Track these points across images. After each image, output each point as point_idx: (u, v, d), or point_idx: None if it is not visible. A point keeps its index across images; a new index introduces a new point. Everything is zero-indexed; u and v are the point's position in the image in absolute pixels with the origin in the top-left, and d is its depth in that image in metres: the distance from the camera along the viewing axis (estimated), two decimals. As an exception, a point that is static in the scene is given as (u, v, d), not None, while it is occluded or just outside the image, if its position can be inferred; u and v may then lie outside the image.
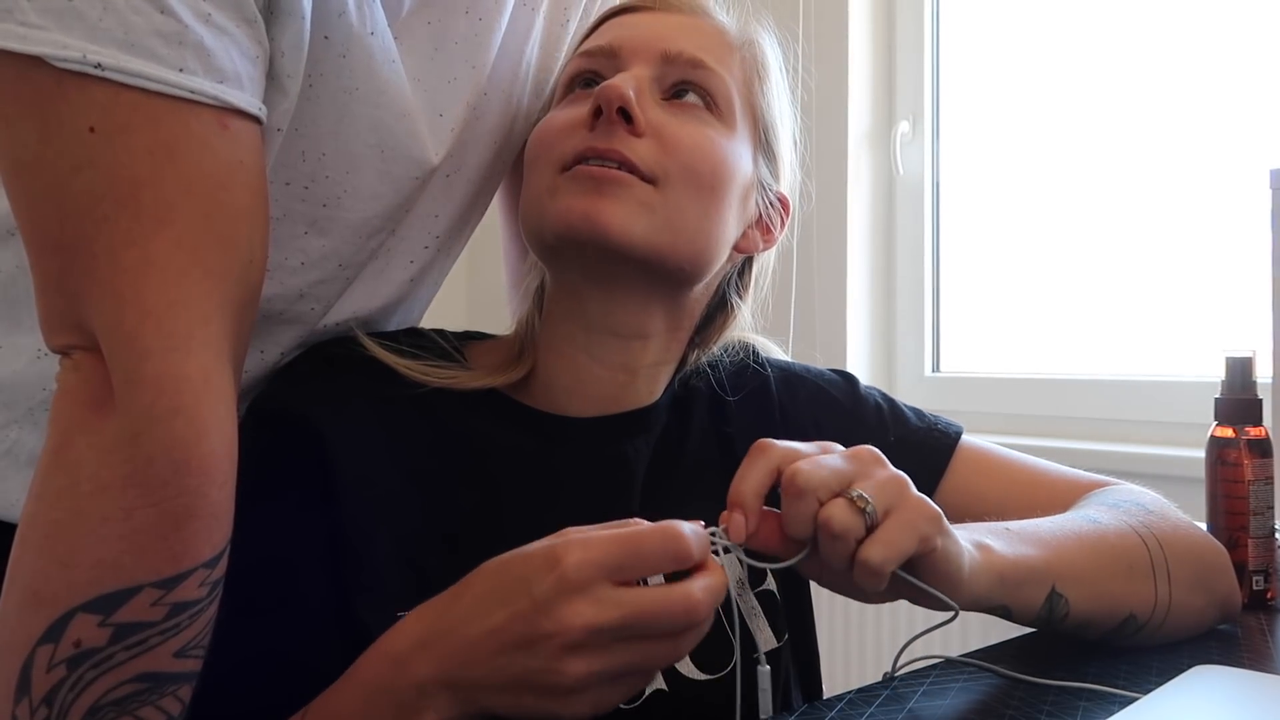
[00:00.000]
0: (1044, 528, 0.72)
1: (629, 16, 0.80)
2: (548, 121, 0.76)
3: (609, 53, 0.76)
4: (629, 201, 0.70)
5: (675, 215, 0.71)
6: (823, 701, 0.70)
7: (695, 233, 0.73)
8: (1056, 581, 0.69)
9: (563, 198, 0.70)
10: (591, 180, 0.70)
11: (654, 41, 0.76)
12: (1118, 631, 0.74)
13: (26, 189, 0.55)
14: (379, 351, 0.73)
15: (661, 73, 0.75)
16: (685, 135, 0.73)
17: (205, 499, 0.57)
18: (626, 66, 0.75)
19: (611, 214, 0.69)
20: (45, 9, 0.52)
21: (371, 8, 0.65)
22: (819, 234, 1.94)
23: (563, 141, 0.72)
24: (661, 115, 0.73)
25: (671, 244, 0.72)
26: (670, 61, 0.75)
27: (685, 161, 0.72)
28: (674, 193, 0.71)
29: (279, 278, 0.70)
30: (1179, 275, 1.65)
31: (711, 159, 0.73)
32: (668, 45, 0.75)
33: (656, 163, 0.71)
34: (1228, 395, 0.90)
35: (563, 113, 0.75)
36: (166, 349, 0.55)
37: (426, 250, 0.80)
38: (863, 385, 0.90)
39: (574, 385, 0.77)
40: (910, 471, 0.83)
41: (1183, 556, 0.76)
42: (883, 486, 0.59)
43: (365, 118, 0.67)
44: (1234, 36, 1.59)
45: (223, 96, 0.56)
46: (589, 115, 0.72)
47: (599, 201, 0.69)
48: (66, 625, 0.55)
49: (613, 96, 0.70)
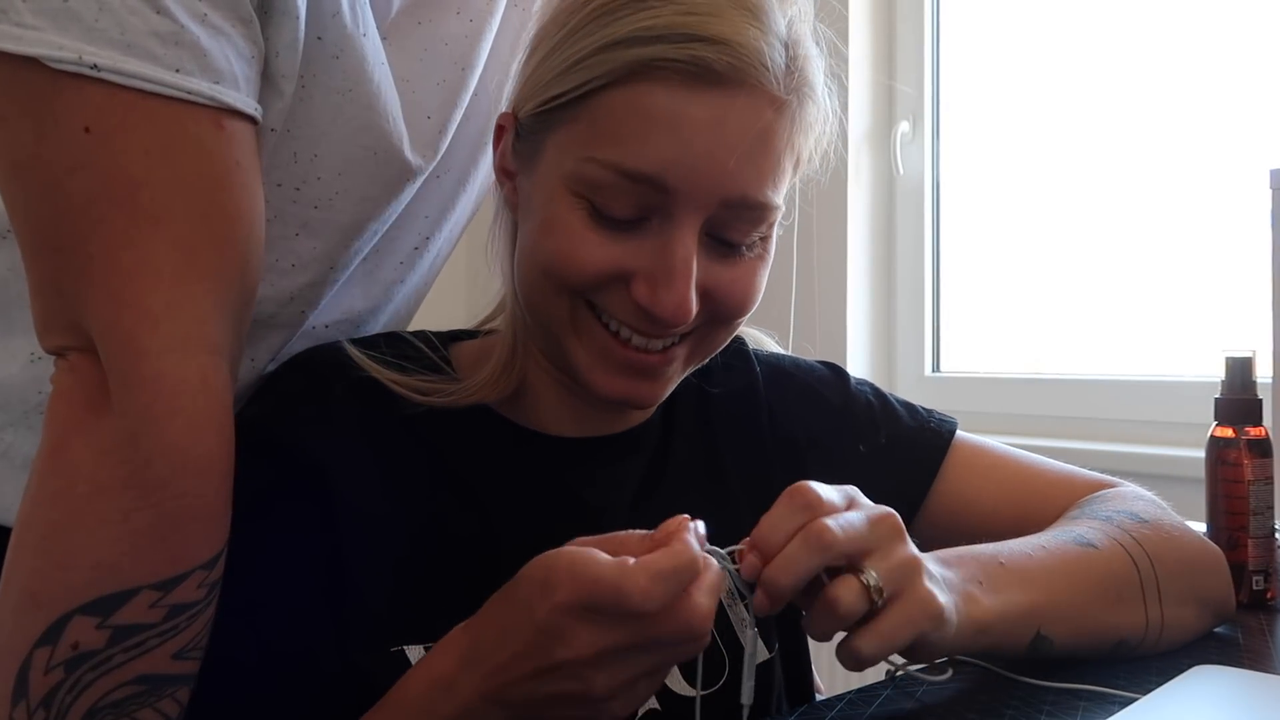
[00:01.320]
0: (1035, 559, 0.71)
1: (681, 109, 0.63)
2: (578, 244, 0.65)
3: (659, 187, 0.63)
4: (674, 375, 0.71)
5: (711, 348, 0.73)
6: (823, 701, 0.69)
7: (722, 345, 0.74)
8: (1042, 625, 0.69)
9: (598, 366, 0.68)
10: (636, 368, 0.68)
11: (714, 182, 0.64)
12: (1110, 655, 0.74)
13: (21, 189, 0.55)
14: (369, 367, 0.71)
15: (715, 215, 0.65)
16: (736, 291, 0.68)
17: (203, 500, 0.57)
18: (678, 207, 0.64)
19: (654, 392, 0.71)
20: (40, 9, 0.51)
21: (365, 9, 0.65)
22: (819, 234, 1.94)
23: (598, 287, 0.66)
24: (709, 270, 0.67)
25: (699, 364, 0.74)
26: (728, 207, 0.65)
27: (731, 316, 0.70)
28: (715, 331, 0.71)
29: (270, 279, 0.69)
30: (1179, 275, 1.65)
31: (755, 299, 0.70)
32: (729, 190, 0.64)
33: (702, 319, 0.68)
34: (1228, 395, 0.90)
35: (598, 248, 0.65)
36: (164, 350, 0.55)
37: (416, 251, 0.80)
38: (854, 380, 0.88)
39: (562, 409, 0.76)
40: (903, 471, 0.83)
41: (1175, 571, 0.75)
42: (896, 570, 0.59)
43: (357, 119, 0.67)
44: (1234, 36, 1.59)
45: (219, 97, 0.56)
46: (639, 301, 0.65)
47: (641, 384, 0.69)
48: (64, 627, 0.55)
49: (676, 324, 0.65)
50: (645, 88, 0.63)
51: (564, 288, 0.67)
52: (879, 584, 0.58)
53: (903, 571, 0.59)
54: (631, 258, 0.65)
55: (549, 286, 0.68)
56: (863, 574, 0.58)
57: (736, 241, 0.67)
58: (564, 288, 0.67)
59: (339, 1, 0.63)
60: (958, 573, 0.66)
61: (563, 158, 0.66)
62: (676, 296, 0.64)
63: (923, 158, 1.96)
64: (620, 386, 0.69)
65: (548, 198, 0.67)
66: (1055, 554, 0.72)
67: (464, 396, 0.72)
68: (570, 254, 0.65)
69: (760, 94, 0.64)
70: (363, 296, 0.78)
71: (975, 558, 0.68)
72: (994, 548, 0.71)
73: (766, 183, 0.66)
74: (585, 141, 0.65)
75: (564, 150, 0.66)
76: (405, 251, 0.79)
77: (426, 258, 0.82)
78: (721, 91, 0.63)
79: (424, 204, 0.77)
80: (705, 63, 0.62)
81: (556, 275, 0.66)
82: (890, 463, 0.83)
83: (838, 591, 0.57)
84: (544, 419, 0.76)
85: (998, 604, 0.66)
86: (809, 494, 0.59)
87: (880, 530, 0.59)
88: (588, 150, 0.64)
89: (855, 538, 0.58)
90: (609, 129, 0.64)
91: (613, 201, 0.64)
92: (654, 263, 0.65)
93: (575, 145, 0.65)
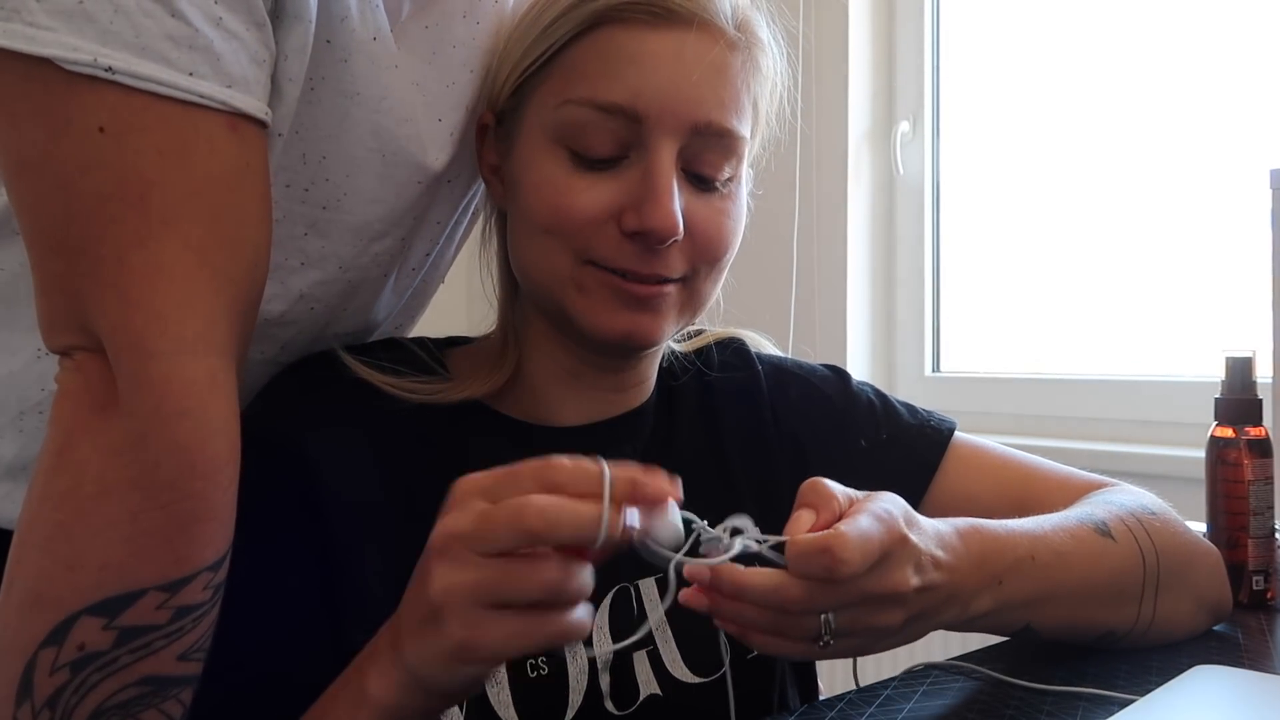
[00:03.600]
0: (1063, 554, 0.70)
1: (643, 44, 0.69)
2: (565, 192, 0.69)
3: (631, 116, 0.68)
4: (668, 311, 0.73)
5: (701, 301, 0.75)
6: (823, 701, 0.70)
7: (711, 297, 0.77)
8: (1034, 620, 0.70)
9: (603, 312, 0.71)
10: (635, 300, 0.71)
11: (682, 106, 0.69)
12: (1096, 643, 0.75)
13: (32, 188, 0.55)
14: (361, 370, 0.73)
15: (688, 143, 0.70)
16: (713, 229, 0.72)
17: (210, 502, 0.57)
18: (651, 135, 0.69)
19: (652, 328, 0.72)
20: (55, 10, 0.51)
21: (374, 12, 0.65)
22: (819, 234, 1.94)
23: (590, 234, 0.70)
24: (690, 202, 0.71)
25: (690, 319, 0.76)
26: (699, 133, 0.70)
27: (713, 256, 0.73)
28: (701, 282, 0.74)
29: (279, 277, 0.70)
30: (1179, 275, 1.66)
31: (732, 240, 0.75)
32: (697, 115, 0.69)
33: (688, 264, 0.72)
34: (1228, 395, 0.90)
35: (583, 188, 0.69)
36: (173, 351, 0.55)
37: (428, 258, 0.80)
38: (855, 381, 0.89)
39: (559, 389, 0.77)
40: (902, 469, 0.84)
41: (1177, 568, 0.76)
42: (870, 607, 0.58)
43: (366, 122, 0.67)
44: (1234, 37, 1.59)
45: (231, 101, 0.56)
46: (629, 228, 0.69)
47: (639, 317, 0.71)
48: (70, 628, 0.55)
49: (667, 236, 0.69)
50: (609, 31, 0.70)
51: (564, 243, 0.70)
52: (833, 627, 0.58)
53: (876, 608, 0.59)
54: (618, 194, 0.69)
55: (550, 246, 0.71)
56: (825, 623, 0.58)
57: (709, 175, 0.72)
58: (564, 243, 0.70)
59: (348, 5, 0.63)
60: (982, 573, 0.65)
61: (541, 114, 0.71)
62: (663, 210, 0.68)
63: (923, 158, 1.96)
64: (622, 322, 0.71)
65: (530, 159, 0.72)
66: (1077, 548, 0.71)
67: (455, 392, 0.74)
68: (560, 201, 0.70)
69: (713, 29, 0.71)
70: (383, 307, 0.79)
71: (1012, 548, 0.68)
72: (1032, 537, 0.70)
73: (729, 110, 0.71)
74: (560, 90, 0.70)
75: (542, 107, 0.71)
76: (418, 257, 0.79)
77: (437, 262, 0.82)
78: (679, 28, 0.70)
79: (439, 209, 0.77)
80: (663, 3, 0.69)
81: (553, 227, 0.70)
82: (890, 460, 0.84)
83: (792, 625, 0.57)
84: (539, 410, 0.77)
85: (999, 603, 0.66)
86: (821, 492, 0.59)
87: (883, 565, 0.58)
88: (563, 96, 0.70)
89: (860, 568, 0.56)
90: (580, 72, 0.70)
91: (591, 140, 0.69)
92: (639, 189, 0.69)
93: (551, 97, 0.71)
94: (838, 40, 1.94)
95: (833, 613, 0.57)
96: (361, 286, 0.75)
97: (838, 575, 0.55)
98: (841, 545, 0.55)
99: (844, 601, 0.57)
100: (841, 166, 1.95)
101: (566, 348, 0.76)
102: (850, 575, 0.55)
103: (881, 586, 0.58)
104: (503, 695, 0.69)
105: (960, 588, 0.63)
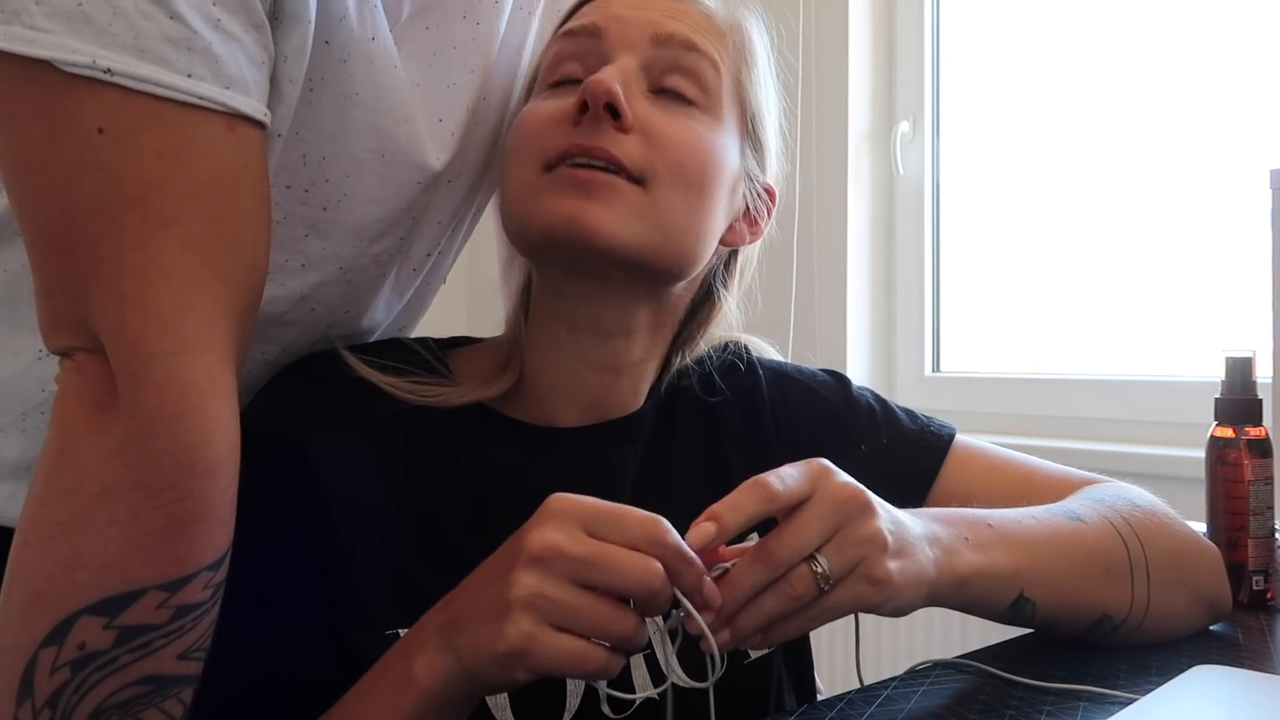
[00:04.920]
0: (1024, 525, 0.72)
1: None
2: (529, 113, 0.73)
3: (594, 33, 0.73)
4: (617, 205, 0.68)
5: (664, 216, 0.70)
6: (823, 701, 0.70)
7: (683, 231, 0.71)
8: (1026, 587, 0.70)
9: (548, 199, 0.68)
10: (578, 183, 0.68)
11: (643, 23, 0.73)
12: (1092, 631, 0.74)
13: (32, 190, 0.55)
14: (363, 370, 0.73)
15: (651, 57, 0.72)
16: (674, 131, 0.71)
17: (210, 501, 0.57)
18: (613, 49, 0.72)
19: (599, 218, 0.67)
20: (53, 12, 0.51)
21: (373, 13, 0.65)
22: (819, 234, 1.94)
23: (546, 137, 0.70)
24: (649, 110, 0.71)
25: (659, 244, 0.70)
26: (661, 44, 0.72)
27: (674, 159, 0.70)
28: (662, 192, 0.70)
29: (280, 279, 0.70)
30: (1179, 275, 1.66)
31: (700, 156, 0.72)
32: (658, 27, 0.73)
33: (645, 161, 0.69)
34: (1228, 395, 0.91)
35: (545, 104, 0.72)
36: (173, 351, 0.55)
37: (429, 258, 0.80)
38: (855, 386, 0.89)
39: (560, 389, 0.76)
40: (903, 473, 0.84)
41: (1165, 555, 0.76)
42: (852, 548, 0.59)
43: (365, 123, 0.67)
44: (1234, 36, 1.59)
45: (230, 103, 0.56)
46: (574, 110, 0.69)
47: (586, 204, 0.67)
48: (71, 627, 0.55)
49: (599, 92, 0.67)
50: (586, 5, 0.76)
51: (527, 157, 0.71)
52: (828, 572, 0.58)
53: (860, 549, 0.59)
54: (575, 100, 0.70)
55: (517, 163, 0.72)
56: (815, 562, 0.58)
57: (676, 90, 0.73)
58: (527, 157, 0.71)
59: (346, 6, 0.63)
60: (946, 529, 0.67)
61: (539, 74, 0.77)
62: (598, 78, 0.68)
63: (923, 158, 1.96)
64: (566, 206, 0.68)
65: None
66: (1045, 523, 0.73)
67: (458, 395, 0.74)
68: (525, 118, 0.73)
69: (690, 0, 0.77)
70: (384, 308, 0.79)
71: (964, 517, 0.70)
72: (984, 512, 0.72)
73: (692, 25, 0.74)
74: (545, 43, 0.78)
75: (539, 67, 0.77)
76: (419, 258, 0.79)
77: (439, 262, 0.82)
78: None
79: (439, 210, 0.77)
80: None
81: (518, 142, 0.72)
82: (891, 463, 0.84)
83: (792, 580, 0.58)
84: (539, 412, 0.77)
85: (981, 560, 0.67)
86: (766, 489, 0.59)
87: (848, 509, 0.60)
88: (545, 44, 0.77)
89: (796, 491, 0.59)
90: (560, 23, 0.77)
91: (564, 67, 0.74)
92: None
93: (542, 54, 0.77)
94: (838, 40, 1.94)
95: (821, 556, 0.58)
96: (362, 288, 0.75)
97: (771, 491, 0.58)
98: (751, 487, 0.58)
99: (808, 531, 0.58)
100: (841, 166, 1.95)
101: (567, 347, 0.76)
102: (780, 487, 0.58)
103: (835, 496, 0.60)
104: (500, 698, 0.69)
105: (930, 529, 0.65)
